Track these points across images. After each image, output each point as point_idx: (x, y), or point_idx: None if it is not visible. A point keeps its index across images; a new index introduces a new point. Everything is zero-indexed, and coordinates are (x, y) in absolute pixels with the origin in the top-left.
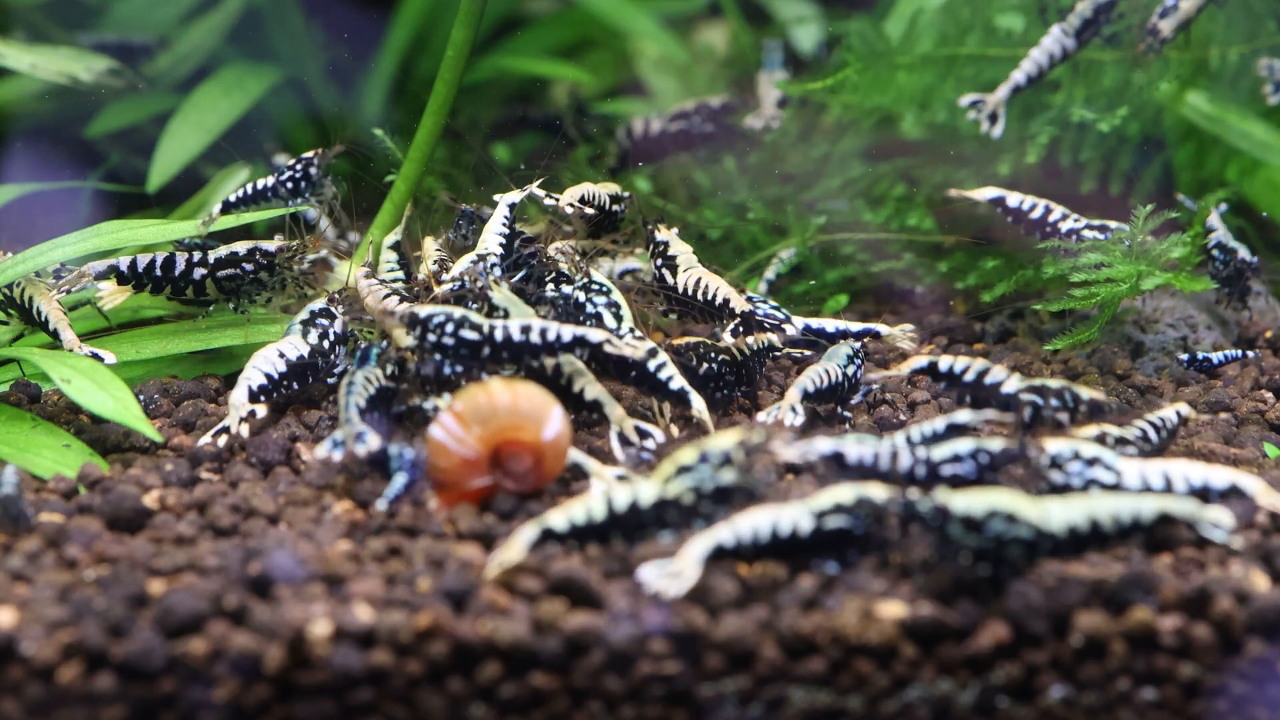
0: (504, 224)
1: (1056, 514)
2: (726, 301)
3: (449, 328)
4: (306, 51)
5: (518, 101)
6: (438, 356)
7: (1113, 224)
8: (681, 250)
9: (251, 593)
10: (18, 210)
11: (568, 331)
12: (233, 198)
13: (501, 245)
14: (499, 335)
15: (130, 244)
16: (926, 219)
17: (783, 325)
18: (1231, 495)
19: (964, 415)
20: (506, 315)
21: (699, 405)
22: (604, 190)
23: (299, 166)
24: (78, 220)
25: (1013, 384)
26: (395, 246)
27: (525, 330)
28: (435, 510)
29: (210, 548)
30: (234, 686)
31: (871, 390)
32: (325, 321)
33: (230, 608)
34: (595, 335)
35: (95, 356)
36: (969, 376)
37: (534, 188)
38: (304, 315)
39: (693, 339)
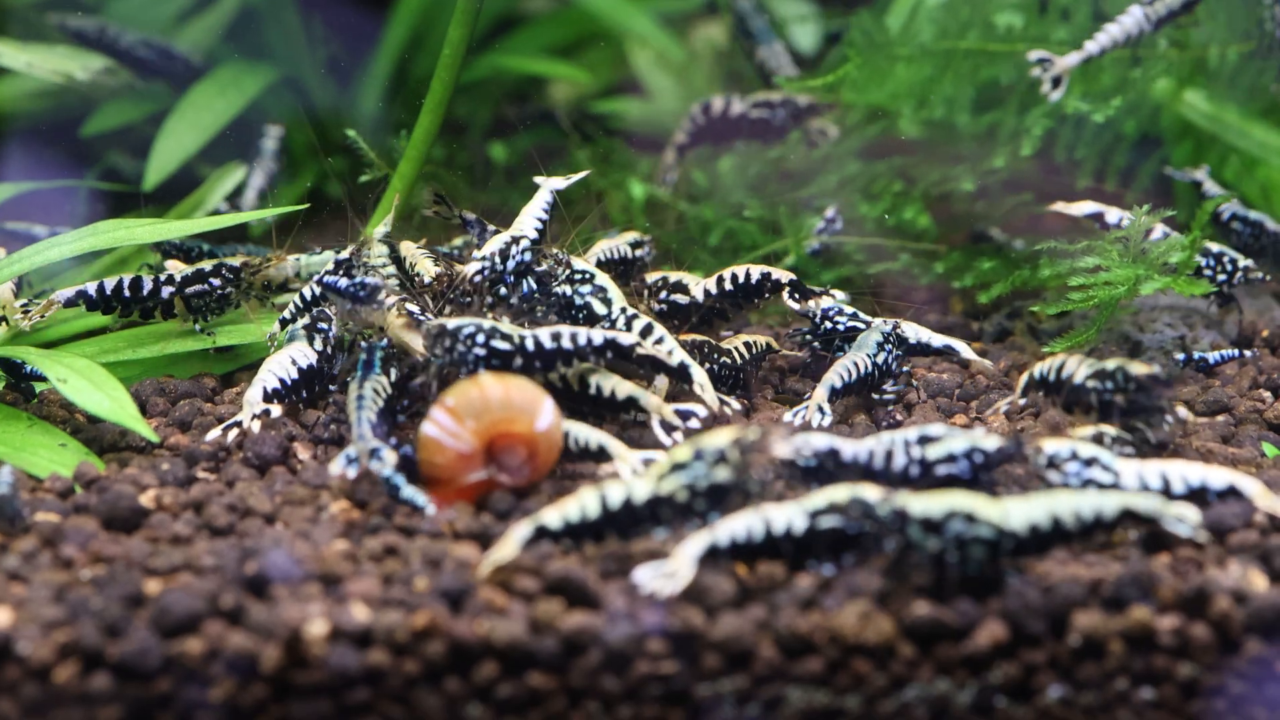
0: (544, 209)
1: (1016, 512)
2: (766, 276)
3: (479, 339)
4: (303, 50)
5: (516, 101)
6: (467, 368)
7: (1213, 246)
8: (683, 275)
9: (248, 592)
10: (14, 209)
11: (598, 335)
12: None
13: (537, 230)
14: (530, 344)
15: (127, 243)
16: (923, 216)
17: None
18: (1229, 496)
19: (937, 429)
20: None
21: (700, 377)
22: (622, 241)
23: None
24: (74, 219)
25: (1083, 372)
26: (386, 239)
27: (556, 337)
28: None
29: (206, 547)
30: (230, 686)
31: (905, 372)
32: (326, 326)
33: (226, 607)
34: (626, 339)
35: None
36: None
37: (578, 177)
38: (305, 320)
39: (698, 337)
